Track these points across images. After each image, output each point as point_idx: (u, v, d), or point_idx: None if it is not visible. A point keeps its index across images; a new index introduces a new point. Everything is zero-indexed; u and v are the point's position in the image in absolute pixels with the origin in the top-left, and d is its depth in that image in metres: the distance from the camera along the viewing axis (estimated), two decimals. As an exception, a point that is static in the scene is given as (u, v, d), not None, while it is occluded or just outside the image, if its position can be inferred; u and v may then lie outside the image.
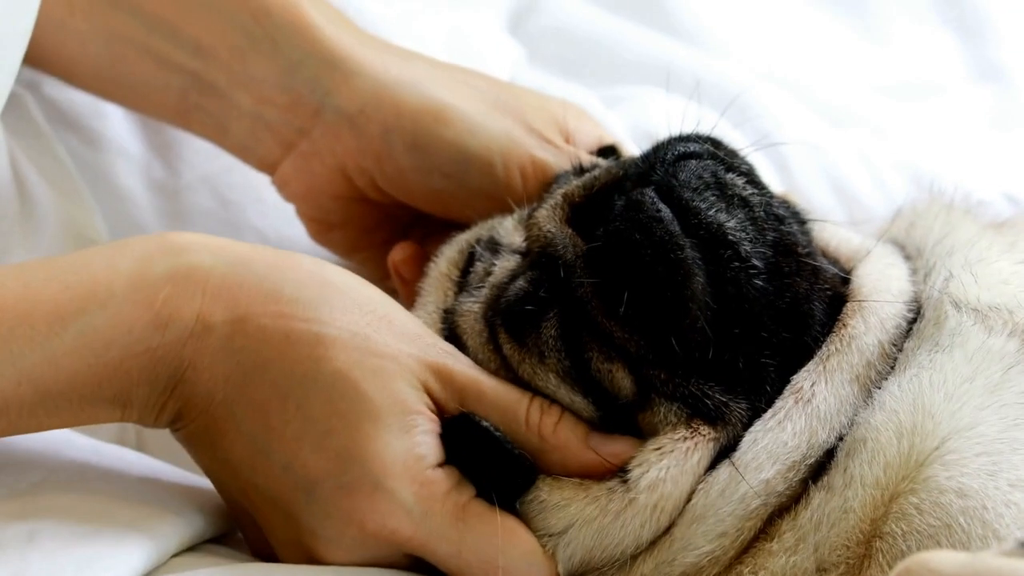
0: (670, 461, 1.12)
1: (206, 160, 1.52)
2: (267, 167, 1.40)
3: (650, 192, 1.15)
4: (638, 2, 1.77)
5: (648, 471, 1.12)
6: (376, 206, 1.39)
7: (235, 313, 1.12)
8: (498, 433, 1.15)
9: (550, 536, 1.14)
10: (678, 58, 1.68)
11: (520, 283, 1.18)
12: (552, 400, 1.16)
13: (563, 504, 1.14)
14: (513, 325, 1.17)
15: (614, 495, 1.13)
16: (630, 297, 1.13)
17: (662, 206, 1.14)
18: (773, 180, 1.55)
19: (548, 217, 1.20)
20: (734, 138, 1.54)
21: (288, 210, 1.43)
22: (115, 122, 1.49)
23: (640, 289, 1.13)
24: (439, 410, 1.16)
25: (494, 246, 1.26)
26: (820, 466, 1.13)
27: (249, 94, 1.35)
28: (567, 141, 1.36)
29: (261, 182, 1.44)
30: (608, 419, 1.16)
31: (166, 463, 1.26)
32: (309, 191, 1.38)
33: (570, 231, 1.18)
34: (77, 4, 1.36)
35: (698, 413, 1.13)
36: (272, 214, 1.50)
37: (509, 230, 1.27)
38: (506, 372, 1.18)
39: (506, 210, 1.31)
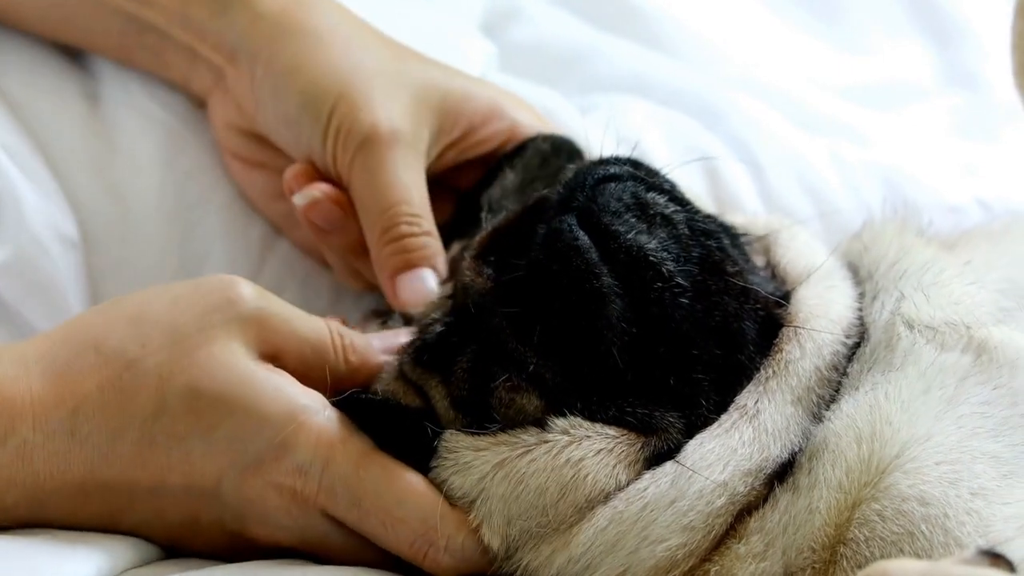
0: (591, 433, 1.13)
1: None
2: (201, 100, 1.45)
3: (569, 219, 1.15)
4: (614, 13, 1.77)
5: (568, 423, 1.13)
6: (280, 151, 1.42)
7: (66, 408, 1.14)
8: (384, 398, 1.16)
9: (470, 501, 1.14)
10: (653, 68, 1.68)
11: (437, 328, 1.21)
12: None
13: (479, 452, 1.14)
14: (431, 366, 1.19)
15: (527, 434, 1.14)
16: (545, 326, 1.13)
17: (580, 234, 1.14)
18: (748, 185, 1.56)
19: (467, 263, 1.21)
20: (709, 144, 1.56)
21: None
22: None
23: (557, 318, 1.14)
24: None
25: None
26: (784, 469, 1.13)
27: (185, 32, 1.40)
28: (463, 130, 1.38)
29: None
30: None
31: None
32: (225, 124, 1.43)
33: (477, 268, 1.19)
34: None
35: (622, 425, 1.14)
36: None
37: None
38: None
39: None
